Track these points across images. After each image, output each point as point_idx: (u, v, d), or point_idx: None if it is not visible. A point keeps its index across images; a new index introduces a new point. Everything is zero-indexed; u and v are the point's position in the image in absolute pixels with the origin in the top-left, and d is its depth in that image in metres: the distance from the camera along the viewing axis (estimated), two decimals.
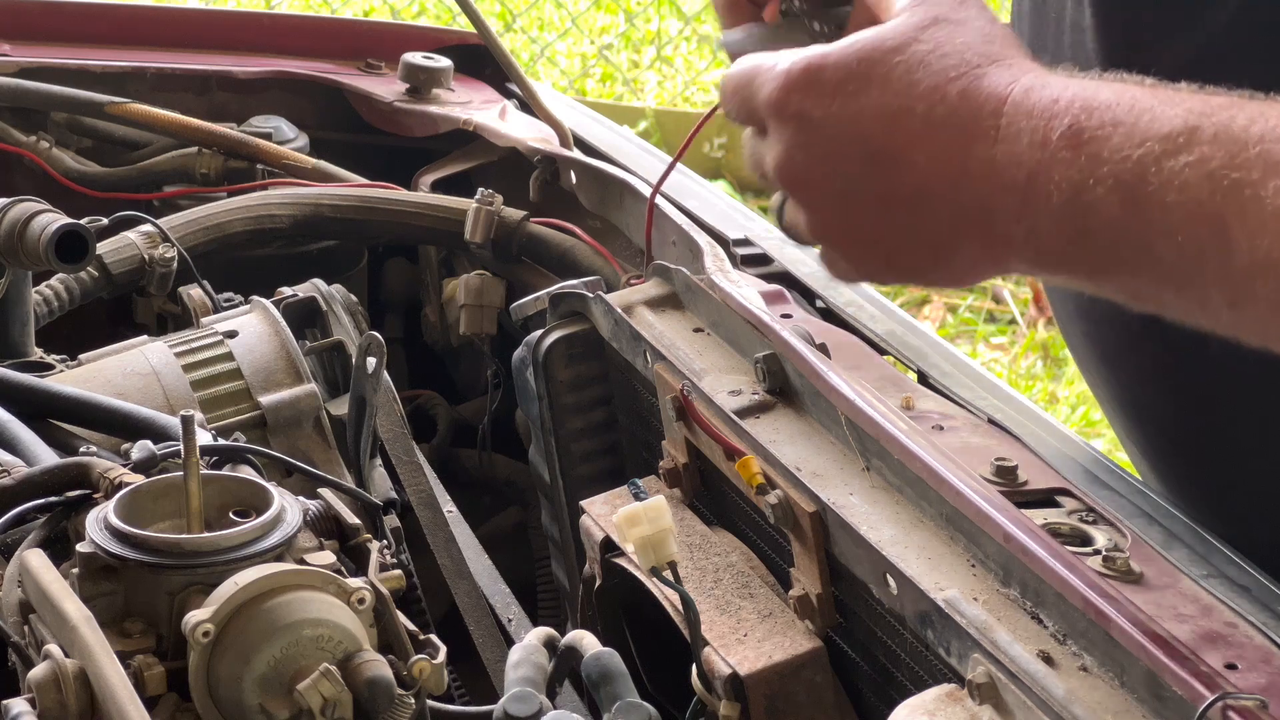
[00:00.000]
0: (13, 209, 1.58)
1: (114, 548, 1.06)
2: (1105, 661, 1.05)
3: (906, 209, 1.03)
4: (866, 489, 1.26)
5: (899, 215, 1.03)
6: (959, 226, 1.02)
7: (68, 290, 1.76)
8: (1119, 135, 0.95)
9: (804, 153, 1.05)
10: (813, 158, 1.05)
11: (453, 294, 1.99)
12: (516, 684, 1.12)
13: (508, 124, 2.11)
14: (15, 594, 1.10)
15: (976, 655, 1.09)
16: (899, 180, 1.02)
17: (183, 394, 1.51)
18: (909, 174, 1.02)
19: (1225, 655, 1.02)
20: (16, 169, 2.11)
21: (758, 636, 1.28)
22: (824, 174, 1.05)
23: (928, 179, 1.01)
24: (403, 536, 1.45)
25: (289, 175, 2.06)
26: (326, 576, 1.06)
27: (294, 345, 1.56)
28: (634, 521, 1.23)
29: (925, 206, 1.02)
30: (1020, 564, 1.13)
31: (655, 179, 1.87)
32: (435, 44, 2.31)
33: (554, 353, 1.58)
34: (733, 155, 5.67)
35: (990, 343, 4.69)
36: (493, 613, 1.52)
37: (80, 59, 2.21)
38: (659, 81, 6.32)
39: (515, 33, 6.26)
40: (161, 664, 1.04)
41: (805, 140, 1.05)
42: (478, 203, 1.92)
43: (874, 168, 1.03)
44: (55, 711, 1.00)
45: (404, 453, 1.59)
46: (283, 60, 2.29)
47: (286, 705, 1.01)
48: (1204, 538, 1.19)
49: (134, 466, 1.18)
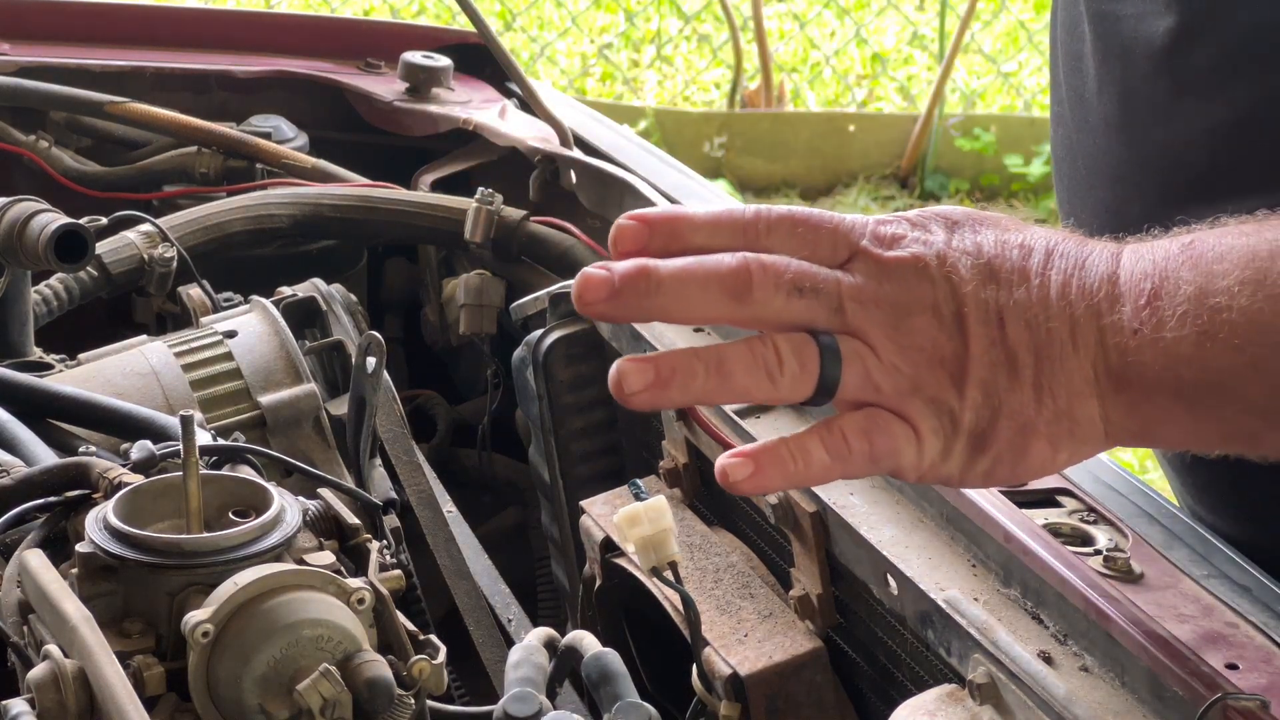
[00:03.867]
0: (12, 208, 1.58)
1: (113, 548, 1.06)
2: (1106, 662, 1.05)
3: (1022, 326, 0.99)
4: (867, 489, 1.26)
5: (1014, 331, 0.99)
6: (1074, 339, 1.00)
7: (67, 290, 1.76)
8: (1233, 255, 0.97)
9: (917, 275, 0.99)
10: (923, 282, 0.99)
11: (452, 294, 1.98)
12: (516, 684, 1.12)
13: (508, 123, 2.11)
14: (14, 594, 1.10)
15: (977, 655, 1.09)
16: (1014, 294, 0.99)
17: (182, 394, 1.51)
18: (1026, 289, 0.99)
19: (1226, 655, 1.02)
20: (16, 168, 2.10)
21: (758, 636, 1.28)
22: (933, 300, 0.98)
23: (1045, 292, 0.99)
24: (403, 536, 1.45)
25: (288, 175, 2.06)
26: (326, 576, 1.06)
27: (294, 345, 1.56)
28: (634, 521, 1.23)
29: (1040, 318, 0.99)
30: (1021, 564, 1.13)
31: (655, 179, 1.87)
32: (435, 43, 2.31)
33: (554, 353, 1.58)
34: (732, 155, 5.67)
35: None
36: (493, 613, 1.52)
37: (80, 59, 2.20)
38: (659, 81, 6.32)
39: (515, 32, 6.26)
40: (161, 664, 1.04)
41: (916, 263, 0.99)
42: (478, 202, 1.92)
43: (991, 286, 0.99)
44: (55, 711, 1.00)
45: (404, 453, 1.59)
46: (282, 60, 2.29)
47: (286, 705, 1.01)
48: (1205, 538, 1.19)
49: (133, 466, 1.18)
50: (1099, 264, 1.00)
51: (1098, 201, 1.39)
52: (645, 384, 0.95)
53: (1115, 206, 1.37)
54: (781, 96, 5.92)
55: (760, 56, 5.78)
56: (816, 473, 0.98)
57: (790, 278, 0.96)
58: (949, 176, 5.75)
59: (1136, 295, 0.99)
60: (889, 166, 5.78)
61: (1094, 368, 0.99)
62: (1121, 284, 0.99)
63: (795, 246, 0.98)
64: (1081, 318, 0.99)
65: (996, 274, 0.99)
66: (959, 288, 0.98)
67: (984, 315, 0.98)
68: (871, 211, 5.56)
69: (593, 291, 0.96)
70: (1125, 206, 1.36)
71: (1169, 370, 0.98)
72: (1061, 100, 1.43)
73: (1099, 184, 1.39)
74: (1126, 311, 0.98)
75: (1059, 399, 0.99)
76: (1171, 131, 1.31)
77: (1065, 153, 1.44)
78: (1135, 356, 0.98)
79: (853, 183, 5.73)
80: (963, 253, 0.99)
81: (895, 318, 0.97)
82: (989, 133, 5.74)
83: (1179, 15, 1.26)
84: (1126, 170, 1.36)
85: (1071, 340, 0.99)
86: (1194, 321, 0.97)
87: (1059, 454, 1.01)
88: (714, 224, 0.99)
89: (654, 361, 0.95)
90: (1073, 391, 0.99)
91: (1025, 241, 1.01)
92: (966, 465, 0.99)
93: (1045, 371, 0.98)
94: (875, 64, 6.45)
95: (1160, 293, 0.98)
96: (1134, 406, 1.00)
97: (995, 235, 1.01)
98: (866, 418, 0.97)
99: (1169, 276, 0.98)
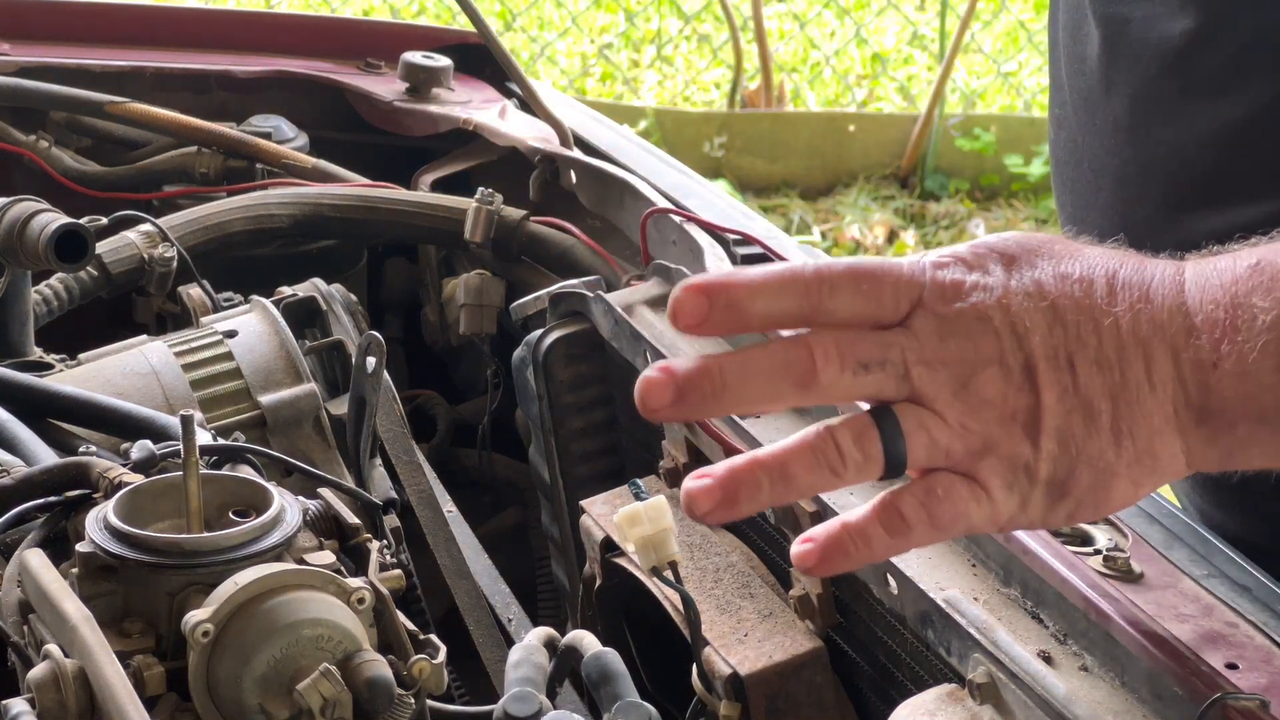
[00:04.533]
0: (12, 208, 1.58)
1: (113, 547, 1.06)
2: (1106, 661, 1.05)
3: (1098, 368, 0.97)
4: (866, 488, 1.26)
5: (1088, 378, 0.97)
6: (1150, 372, 0.97)
7: (67, 290, 1.76)
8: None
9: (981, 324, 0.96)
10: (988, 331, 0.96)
11: (452, 294, 1.98)
12: (516, 684, 1.12)
13: (508, 123, 2.11)
14: (15, 594, 1.10)
15: (977, 655, 1.09)
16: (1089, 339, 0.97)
17: (182, 394, 1.51)
18: (1095, 329, 0.97)
19: (1226, 655, 1.02)
20: (16, 168, 2.10)
21: (758, 636, 1.28)
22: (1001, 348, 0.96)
23: (1115, 330, 0.97)
24: (403, 536, 1.45)
25: (288, 175, 2.06)
26: (326, 576, 1.06)
27: (294, 345, 1.56)
28: (634, 521, 1.23)
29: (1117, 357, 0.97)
30: (1020, 564, 1.13)
31: (655, 179, 1.87)
32: (435, 43, 2.31)
33: (554, 352, 1.58)
34: (732, 155, 5.67)
35: None
36: (493, 613, 1.52)
37: (80, 59, 2.20)
38: (659, 81, 6.32)
39: (515, 32, 6.26)
40: (161, 664, 1.04)
41: (982, 309, 0.96)
42: (478, 202, 1.92)
43: (1060, 330, 0.96)
44: (55, 711, 1.00)
45: (404, 453, 1.59)
46: (282, 60, 2.29)
47: (286, 705, 1.01)
48: (1205, 537, 1.19)
49: (133, 466, 1.18)
50: (1165, 291, 0.98)
51: (1104, 204, 1.39)
52: (714, 504, 0.93)
53: (1122, 208, 1.37)
54: (781, 96, 5.92)
55: (760, 56, 5.78)
56: (881, 552, 0.96)
57: (854, 356, 0.94)
58: (949, 176, 5.75)
59: (1212, 326, 0.96)
60: (889, 166, 5.78)
61: (1174, 404, 0.97)
62: (1193, 313, 0.97)
63: (860, 304, 0.95)
64: (1157, 354, 0.97)
65: (1062, 316, 0.96)
66: (1026, 338, 0.96)
67: (1054, 363, 0.96)
68: (871, 211, 5.57)
69: (656, 398, 0.93)
70: (1131, 209, 1.36)
71: (1252, 400, 0.96)
72: (1065, 103, 1.42)
73: (1105, 185, 1.38)
74: (1204, 344, 0.96)
75: (1139, 440, 0.96)
76: (1181, 132, 1.30)
77: (1069, 155, 1.43)
78: (1216, 389, 0.96)
79: (853, 183, 5.73)
80: (1024, 295, 0.96)
81: (962, 376, 0.95)
82: (989, 133, 5.74)
83: (1195, 17, 1.25)
84: (1133, 171, 1.35)
85: (1148, 379, 0.96)
86: (1277, 350, 0.95)
87: (1141, 489, 0.99)
88: (776, 288, 0.95)
89: (719, 481, 0.93)
90: (1153, 431, 0.97)
91: (1084, 273, 0.98)
92: (1047, 512, 0.97)
93: (1123, 415, 0.96)
94: (875, 64, 6.45)
95: (1237, 323, 0.95)
96: (1216, 436, 0.97)
97: (1053, 268, 0.98)
98: (925, 490, 0.95)
99: (1242, 304, 0.96)
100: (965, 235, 5.44)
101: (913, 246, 5.43)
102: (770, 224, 1.85)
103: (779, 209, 5.56)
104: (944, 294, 0.96)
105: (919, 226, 5.55)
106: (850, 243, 5.43)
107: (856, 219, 5.52)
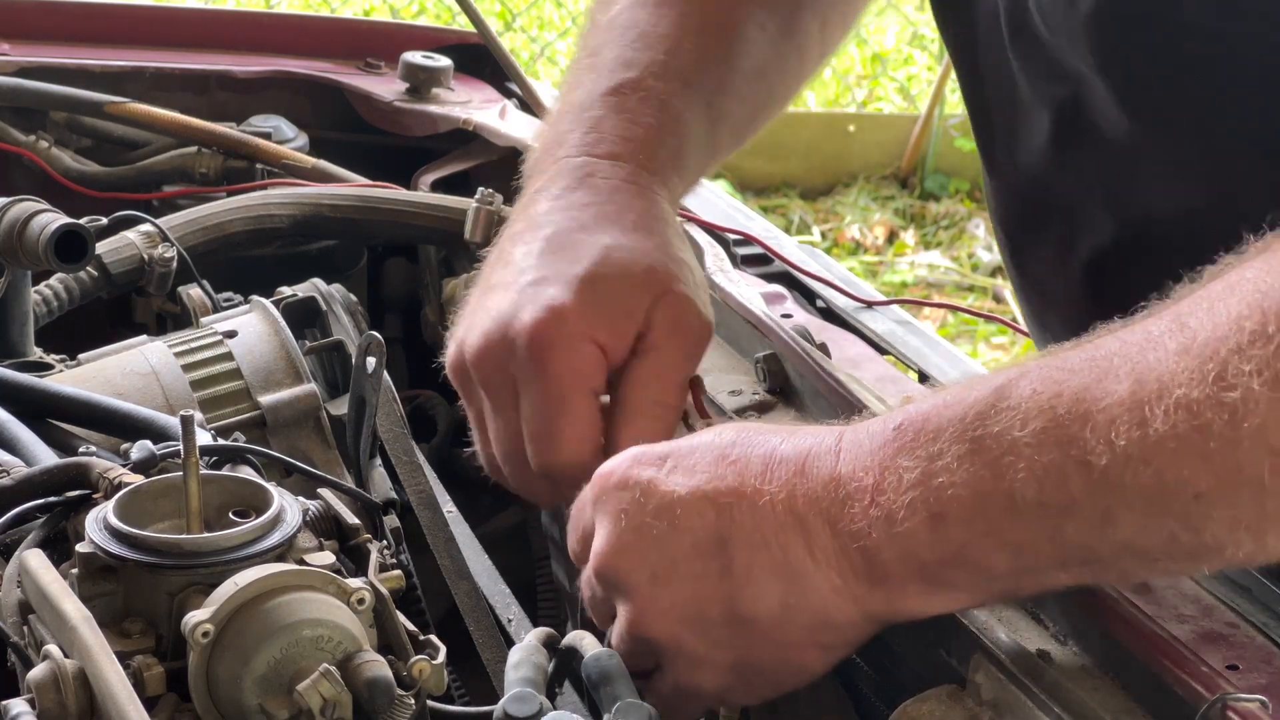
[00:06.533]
0: (12, 208, 1.58)
1: (113, 548, 1.06)
2: (1106, 661, 1.05)
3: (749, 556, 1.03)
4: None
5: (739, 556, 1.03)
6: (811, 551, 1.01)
7: (67, 290, 1.76)
8: (946, 427, 0.97)
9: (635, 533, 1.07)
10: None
11: (453, 294, 1.98)
12: (516, 684, 1.11)
13: (508, 123, 2.11)
14: (14, 594, 1.09)
15: (977, 655, 1.09)
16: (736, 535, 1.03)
17: (182, 394, 1.51)
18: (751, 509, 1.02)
19: (1226, 656, 1.02)
20: (16, 169, 2.10)
21: None
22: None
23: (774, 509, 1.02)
24: (403, 536, 1.45)
25: (288, 175, 2.06)
26: (326, 577, 1.06)
27: (294, 345, 1.56)
28: None
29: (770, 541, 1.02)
30: None
31: None
32: (435, 43, 2.31)
33: None
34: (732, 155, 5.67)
35: (991, 343, 4.69)
36: (493, 613, 1.52)
37: (79, 59, 2.20)
38: None
39: (515, 32, 6.26)
40: (161, 664, 1.04)
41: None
42: (478, 202, 1.91)
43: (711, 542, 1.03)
44: (55, 712, 1.00)
45: (404, 453, 1.58)
46: (282, 60, 2.29)
47: (286, 705, 1.01)
48: None
49: (133, 466, 1.18)
50: (821, 464, 1.01)
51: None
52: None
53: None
54: None
55: None
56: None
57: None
58: (949, 177, 5.75)
59: (862, 493, 0.99)
60: (889, 167, 5.78)
61: (840, 575, 1.00)
62: (846, 482, 0.99)
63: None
64: (814, 528, 1.00)
65: (716, 500, 1.02)
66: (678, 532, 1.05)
67: (704, 550, 1.03)
68: (871, 211, 5.57)
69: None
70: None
71: (912, 557, 0.98)
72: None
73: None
74: (857, 512, 0.99)
75: (815, 612, 1.02)
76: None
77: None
78: (876, 554, 0.99)
79: (853, 183, 5.73)
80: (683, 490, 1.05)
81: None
82: None
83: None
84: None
85: (810, 554, 1.00)
86: (923, 505, 0.96)
87: (833, 653, 1.06)
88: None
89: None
90: (824, 601, 1.01)
91: (740, 455, 1.03)
92: (747, 694, 1.09)
93: (792, 591, 1.01)
94: (875, 64, 6.45)
95: (883, 485, 0.98)
96: (893, 597, 1.01)
97: (714, 455, 1.05)
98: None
99: (889, 466, 0.98)
100: (965, 235, 5.45)
101: (913, 246, 5.43)
102: (770, 224, 1.85)
103: (779, 209, 5.56)
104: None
105: (919, 227, 5.56)
106: (850, 243, 5.43)
107: (856, 219, 5.52)
